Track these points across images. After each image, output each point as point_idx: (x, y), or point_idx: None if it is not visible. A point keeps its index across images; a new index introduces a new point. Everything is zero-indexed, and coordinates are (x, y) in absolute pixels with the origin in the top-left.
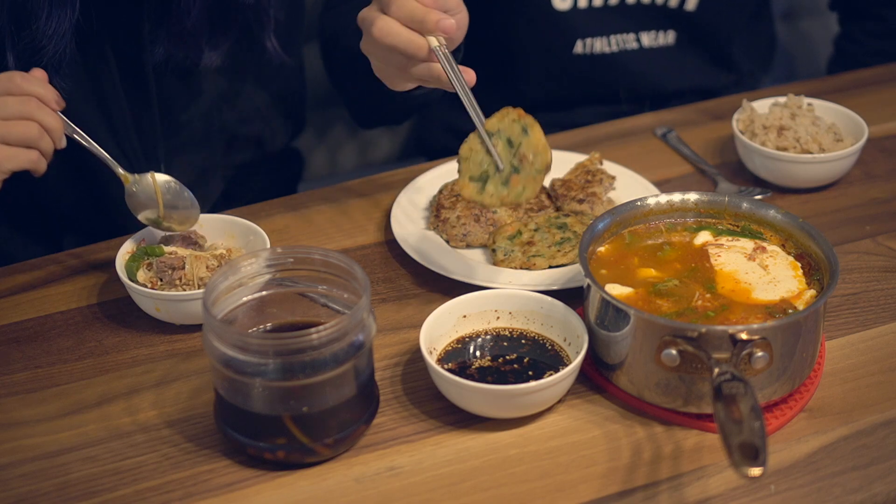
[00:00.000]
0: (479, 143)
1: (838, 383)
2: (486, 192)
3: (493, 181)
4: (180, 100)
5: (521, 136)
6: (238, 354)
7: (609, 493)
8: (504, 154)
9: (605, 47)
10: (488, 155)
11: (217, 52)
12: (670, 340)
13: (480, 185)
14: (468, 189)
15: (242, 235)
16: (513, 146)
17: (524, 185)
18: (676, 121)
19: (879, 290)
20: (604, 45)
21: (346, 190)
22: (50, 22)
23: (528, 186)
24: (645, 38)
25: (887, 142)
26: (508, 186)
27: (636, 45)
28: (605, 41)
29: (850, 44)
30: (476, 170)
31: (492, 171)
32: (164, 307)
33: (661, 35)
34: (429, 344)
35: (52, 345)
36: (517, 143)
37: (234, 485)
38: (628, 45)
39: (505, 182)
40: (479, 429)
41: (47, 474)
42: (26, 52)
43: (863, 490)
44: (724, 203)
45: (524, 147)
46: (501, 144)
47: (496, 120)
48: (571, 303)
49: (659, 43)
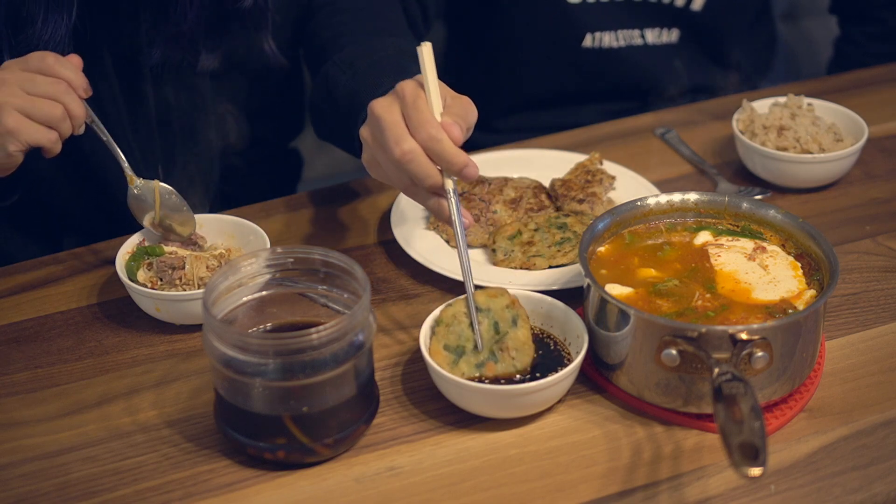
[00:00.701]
0: (463, 313)
1: (838, 383)
2: (457, 368)
3: (466, 359)
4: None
5: (509, 327)
6: (238, 354)
7: (609, 493)
8: (486, 337)
9: (613, 42)
10: (469, 329)
11: (214, 55)
12: (670, 340)
13: (454, 357)
14: (439, 356)
15: (242, 235)
16: (498, 333)
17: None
18: (676, 121)
19: (879, 290)
20: (612, 39)
21: (346, 190)
22: (46, 27)
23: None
24: (650, 35)
25: (887, 142)
26: (482, 371)
27: (641, 41)
28: (614, 36)
29: (851, 46)
30: (453, 340)
31: (468, 348)
32: (164, 307)
33: (666, 33)
34: (429, 344)
35: (52, 345)
36: (503, 332)
37: (234, 485)
38: (634, 42)
39: (479, 365)
40: (479, 429)
41: (47, 474)
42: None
43: (863, 490)
44: (724, 203)
45: (509, 339)
46: (486, 325)
47: (486, 297)
48: (571, 303)
49: (663, 40)
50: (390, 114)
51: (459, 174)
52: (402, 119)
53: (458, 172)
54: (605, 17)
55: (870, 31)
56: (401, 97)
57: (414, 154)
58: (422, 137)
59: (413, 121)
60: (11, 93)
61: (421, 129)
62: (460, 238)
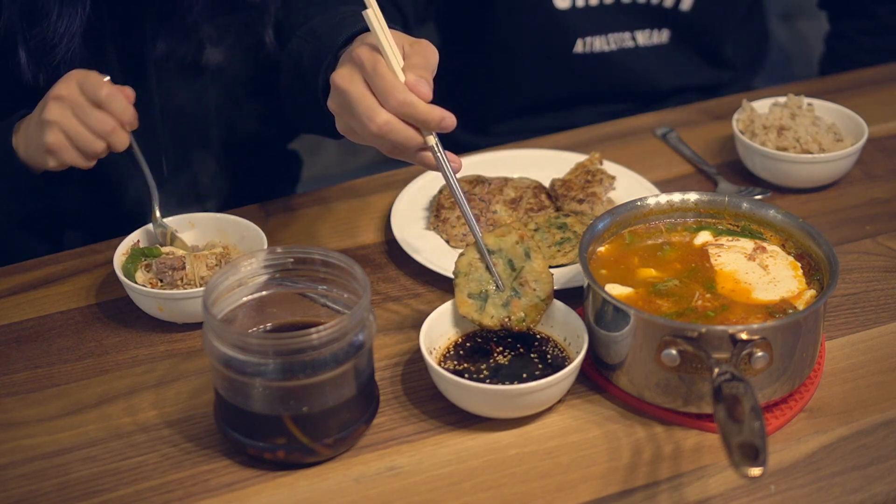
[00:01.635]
0: (477, 259)
1: (838, 383)
2: (485, 313)
3: (492, 302)
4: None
5: (523, 261)
6: (238, 354)
7: (609, 493)
8: (504, 275)
9: (604, 46)
10: (487, 272)
11: (219, 49)
12: (670, 340)
13: (480, 303)
14: (466, 306)
15: (241, 235)
16: (514, 269)
17: (526, 313)
18: (676, 121)
19: (879, 290)
20: (603, 43)
21: (346, 190)
22: (61, 20)
23: (530, 314)
24: (640, 37)
25: (887, 142)
26: (509, 309)
27: (632, 43)
28: (605, 40)
29: (843, 42)
30: (475, 287)
31: (491, 291)
32: (168, 306)
33: (656, 34)
34: (429, 344)
35: (52, 345)
36: (519, 266)
37: (234, 485)
38: (625, 44)
39: (505, 304)
40: (479, 429)
41: (47, 474)
42: (38, 51)
43: (863, 490)
44: (724, 203)
45: (526, 272)
46: (502, 265)
47: (496, 238)
48: (571, 303)
49: (653, 41)
50: (354, 86)
51: (438, 128)
52: (368, 89)
53: (436, 128)
54: (595, 21)
55: (862, 26)
56: (359, 65)
57: (390, 125)
58: (392, 106)
59: (379, 89)
60: (64, 114)
61: (389, 98)
62: (455, 187)
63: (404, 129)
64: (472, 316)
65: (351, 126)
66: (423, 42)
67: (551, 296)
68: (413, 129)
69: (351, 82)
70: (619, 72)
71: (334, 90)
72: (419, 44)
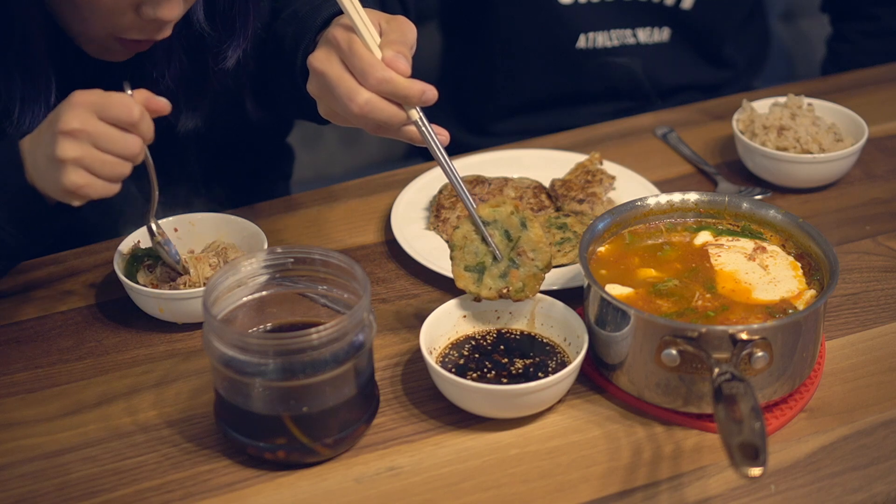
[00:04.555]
0: (472, 231)
1: (838, 383)
2: (483, 285)
3: (489, 273)
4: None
5: (519, 231)
6: (238, 354)
7: (609, 493)
8: (501, 246)
9: (606, 42)
10: (483, 244)
11: (195, 114)
12: (670, 340)
13: (477, 276)
14: (463, 279)
15: (241, 235)
16: (511, 240)
17: (524, 283)
18: (676, 121)
19: (879, 290)
20: (605, 39)
21: (345, 190)
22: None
23: (529, 284)
24: (641, 35)
25: (887, 142)
26: (507, 280)
27: (633, 40)
28: (607, 35)
29: (844, 44)
30: (471, 259)
31: (488, 262)
32: (168, 307)
33: (657, 32)
34: (429, 344)
35: (52, 345)
36: (515, 237)
37: (234, 485)
38: (627, 41)
39: (503, 275)
40: (479, 429)
41: (47, 474)
42: None
43: (863, 490)
44: (724, 203)
45: (523, 242)
46: (498, 236)
47: (491, 209)
48: (571, 303)
49: (654, 39)
50: (331, 67)
51: (420, 102)
52: (346, 70)
53: (418, 102)
54: (597, 17)
55: (863, 28)
56: (335, 46)
57: (371, 104)
58: (372, 84)
59: (357, 69)
60: (83, 150)
61: (368, 76)
62: (443, 160)
63: (386, 106)
64: (470, 288)
65: (333, 109)
66: (400, 18)
67: (550, 265)
68: (395, 105)
69: (328, 64)
70: (620, 69)
71: (312, 74)
72: (396, 20)
